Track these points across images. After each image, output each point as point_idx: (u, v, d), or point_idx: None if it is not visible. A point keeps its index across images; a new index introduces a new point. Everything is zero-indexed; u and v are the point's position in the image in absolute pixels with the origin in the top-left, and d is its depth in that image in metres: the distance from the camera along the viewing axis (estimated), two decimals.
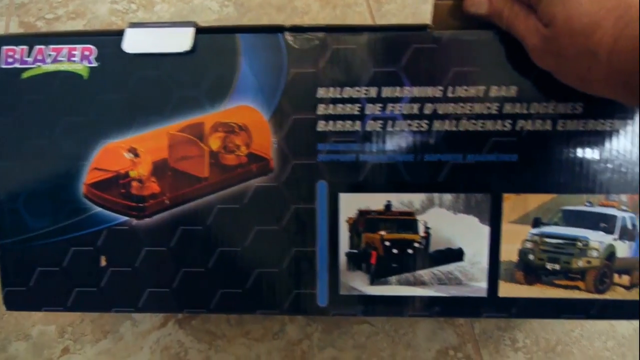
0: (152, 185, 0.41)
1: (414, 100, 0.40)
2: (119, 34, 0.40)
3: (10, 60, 0.37)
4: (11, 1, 0.65)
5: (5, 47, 0.39)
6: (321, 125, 0.40)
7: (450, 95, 0.40)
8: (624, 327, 0.55)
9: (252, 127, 0.40)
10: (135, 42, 0.39)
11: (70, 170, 0.41)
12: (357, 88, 0.40)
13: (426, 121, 0.40)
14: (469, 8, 0.39)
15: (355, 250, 0.42)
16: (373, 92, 0.40)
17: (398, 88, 0.40)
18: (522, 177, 0.40)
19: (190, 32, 0.39)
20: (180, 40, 0.39)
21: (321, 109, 0.40)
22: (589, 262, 0.40)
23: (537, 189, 0.40)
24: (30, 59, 0.38)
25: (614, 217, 0.40)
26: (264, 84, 0.40)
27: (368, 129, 0.40)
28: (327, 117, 0.40)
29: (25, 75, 0.39)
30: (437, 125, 0.40)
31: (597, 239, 0.40)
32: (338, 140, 0.40)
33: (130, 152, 0.40)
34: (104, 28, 0.56)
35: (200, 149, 0.40)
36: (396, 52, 0.39)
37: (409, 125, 0.40)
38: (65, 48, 0.39)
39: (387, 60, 0.40)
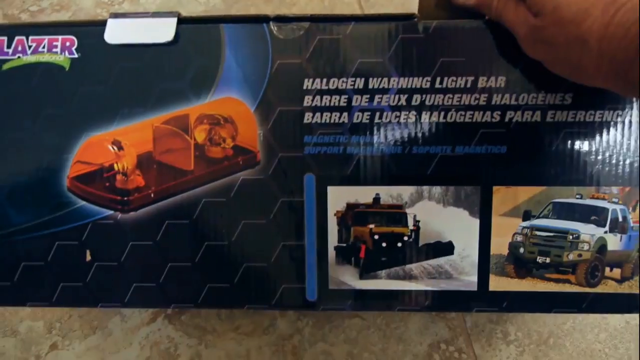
0: (137, 179, 0.40)
1: (401, 91, 0.39)
2: (101, 24, 0.39)
3: None
4: None
5: None
6: (308, 117, 0.40)
7: (438, 86, 0.39)
8: (616, 319, 0.55)
9: (237, 118, 0.40)
10: (117, 33, 0.38)
11: (54, 164, 0.41)
12: (343, 79, 0.39)
13: (414, 113, 0.39)
14: (457, 1, 0.38)
15: (344, 244, 0.41)
16: (360, 83, 0.39)
17: (385, 79, 0.39)
18: (511, 169, 0.40)
19: (172, 22, 0.38)
20: (163, 31, 0.38)
21: (307, 101, 0.39)
22: (579, 255, 0.40)
23: (527, 181, 0.40)
24: (10, 50, 0.37)
25: (604, 210, 0.39)
26: (249, 74, 0.39)
27: (355, 120, 0.40)
28: (314, 109, 0.39)
29: (5, 67, 0.38)
30: (425, 116, 0.39)
31: (587, 231, 0.40)
32: (325, 132, 0.40)
33: (114, 145, 0.40)
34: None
35: (185, 142, 0.39)
36: (383, 42, 0.39)
37: (397, 117, 0.39)
38: (45, 39, 0.38)
39: (374, 50, 0.39)
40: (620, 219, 0.39)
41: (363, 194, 0.40)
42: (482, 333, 0.55)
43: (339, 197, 0.40)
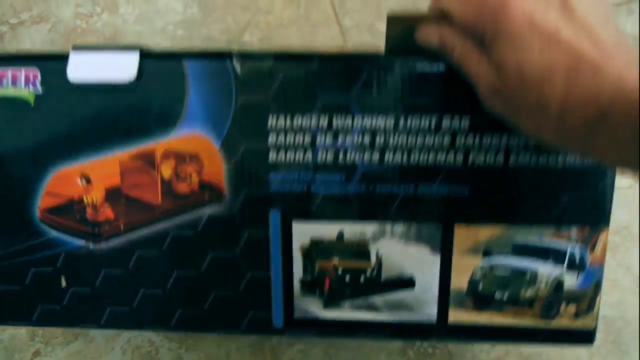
0: (106, 211, 0.41)
1: (365, 130, 0.39)
2: (64, 57, 0.39)
3: None
4: None
5: None
6: (273, 155, 0.40)
7: (402, 126, 0.39)
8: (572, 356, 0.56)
9: (203, 155, 0.40)
10: (79, 69, 0.38)
11: (24, 195, 0.41)
12: (307, 117, 0.39)
13: (377, 152, 0.40)
14: (420, 37, 0.38)
15: (309, 277, 0.42)
16: (324, 121, 0.40)
17: (349, 118, 0.39)
18: (473, 209, 0.40)
19: (135, 58, 0.38)
20: (125, 68, 0.38)
21: (272, 138, 0.40)
22: (537, 292, 0.41)
23: (489, 221, 0.40)
24: None
25: (563, 250, 0.40)
26: (213, 111, 0.39)
27: (320, 159, 0.40)
28: (278, 147, 0.40)
29: None
30: (389, 156, 0.40)
31: (545, 271, 0.40)
32: (290, 169, 0.40)
33: (82, 179, 0.40)
34: (63, 37, 0.55)
35: (152, 177, 0.40)
36: (348, 80, 0.39)
37: (360, 156, 0.40)
38: (8, 71, 0.38)
39: (338, 88, 0.39)
40: (578, 259, 0.40)
41: (327, 230, 0.41)
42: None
43: (303, 233, 0.41)
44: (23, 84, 0.39)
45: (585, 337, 0.42)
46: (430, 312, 0.43)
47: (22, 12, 0.62)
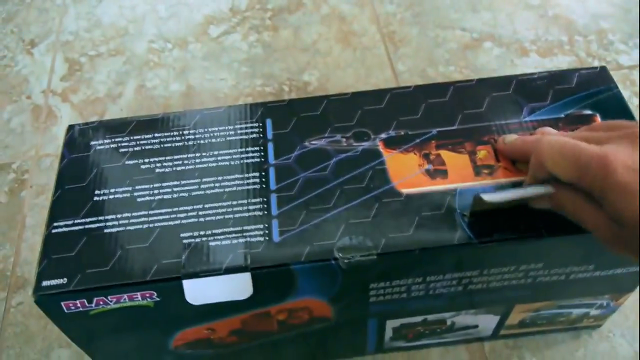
0: (230, 339, 0.43)
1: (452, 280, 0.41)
2: (176, 279, 0.36)
3: (72, 307, 0.36)
4: (57, 38, 0.70)
5: (63, 302, 0.36)
6: (372, 299, 0.41)
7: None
8: (625, 349, 0.59)
9: (312, 306, 0.40)
10: (196, 294, 0.37)
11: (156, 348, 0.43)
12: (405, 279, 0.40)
13: (461, 287, 0.41)
14: (533, 205, 0.37)
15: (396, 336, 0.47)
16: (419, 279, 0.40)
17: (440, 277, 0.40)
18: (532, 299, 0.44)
19: (247, 279, 0.36)
20: (241, 290, 0.37)
21: (372, 293, 0.40)
22: (567, 317, 0.47)
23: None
24: (92, 305, 0.37)
25: (593, 302, 0.45)
26: (321, 288, 0.39)
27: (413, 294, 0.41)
28: (378, 295, 0.40)
29: (92, 312, 0.37)
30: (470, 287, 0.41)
31: (577, 312, 0.46)
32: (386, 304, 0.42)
33: (208, 330, 0.42)
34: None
35: (269, 322, 0.41)
36: (440, 265, 0.39)
37: (446, 290, 0.41)
38: (124, 296, 0.37)
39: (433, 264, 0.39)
40: (605, 304, 0.46)
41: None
42: (499, 357, 0.60)
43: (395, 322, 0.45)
44: (141, 298, 0.37)
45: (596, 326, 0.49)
46: (488, 333, 0.48)
47: (100, 45, 0.69)
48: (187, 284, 0.36)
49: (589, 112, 0.40)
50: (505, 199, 0.35)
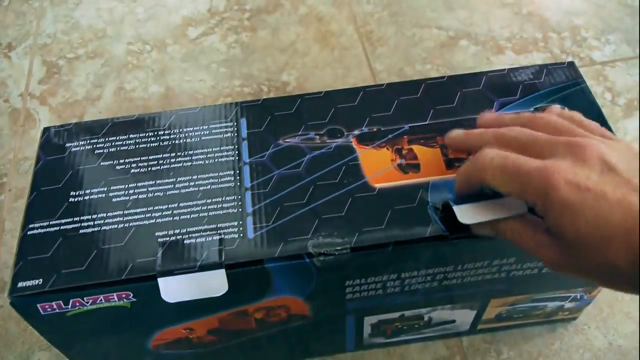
0: (208, 338, 0.43)
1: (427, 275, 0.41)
2: (151, 278, 0.36)
3: (48, 309, 0.36)
4: (34, 41, 0.70)
5: (39, 304, 0.36)
6: (349, 296, 0.41)
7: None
8: (600, 341, 0.60)
9: (289, 303, 0.41)
10: (172, 291, 0.37)
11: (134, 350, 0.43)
12: (380, 276, 0.40)
13: (437, 282, 0.41)
14: (475, 231, 0.36)
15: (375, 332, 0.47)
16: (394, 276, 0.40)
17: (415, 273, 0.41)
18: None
19: (222, 275, 0.36)
20: (216, 286, 0.37)
21: (349, 290, 0.41)
22: (543, 310, 0.48)
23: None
24: (68, 306, 0.37)
25: (567, 295, 0.46)
26: (296, 287, 0.39)
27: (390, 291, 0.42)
28: (354, 292, 0.41)
29: (69, 314, 0.37)
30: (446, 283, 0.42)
31: (553, 304, 0.47)
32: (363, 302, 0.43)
33: (186, 329, 0.42)
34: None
35: (246, 320, 0.41)
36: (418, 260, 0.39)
37: (422, 286, 0.42)
38: (100, 297, 0.37)
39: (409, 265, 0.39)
40: (579, 297, 0.47)
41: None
42: (477, 352, 0.60)
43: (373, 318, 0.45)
44: (117, 299, 0.37)
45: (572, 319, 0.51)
46: (465, 327, 0.48)
47: (78, 47, 0.69)
48: (162, 282, 0.36)
49: (557, 106, 0.41)
50: (481, 220, 0.35)
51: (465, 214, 0.35)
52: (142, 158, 0.40)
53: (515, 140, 0.34)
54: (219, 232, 0.36)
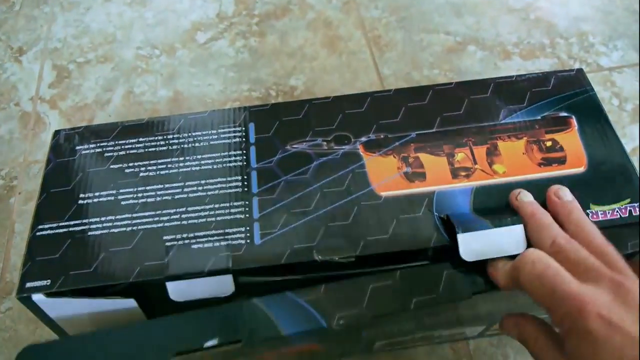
0: None
1: None
2: (161, 281, 0.36)
3: None
4: (45, 46, 0.70)
5: None
6: None
7: None
8: None
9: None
10: (180, 293, 0.36)
11: None
12: None
13: None
14: (501, 329, 0.39)
15: None
16: None
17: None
18: None
19: (229, 279, 0.36)
20: (223, 288, 0.37)
21: None
22: None
23: None
24: None
25: None
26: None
27: None
28: None
29: None
30: None
31: None
32: None
33: None
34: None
35: None
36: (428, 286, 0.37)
37: None
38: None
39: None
40: None
41: None
42: (483, 356, 0.60)
43: None
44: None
45: None
46: (473, 334, 0.48)
47: (89, 52, 0.69)
48: (170, 286, 0.36)
49: (565, 114, 0.41)
50: (483, 257, 0.35)
51: (470, 255, 0.35)
52: (150, 162, 0.40)
53: (568, 252, 0.34)
54: (226, 237, 0.36)
